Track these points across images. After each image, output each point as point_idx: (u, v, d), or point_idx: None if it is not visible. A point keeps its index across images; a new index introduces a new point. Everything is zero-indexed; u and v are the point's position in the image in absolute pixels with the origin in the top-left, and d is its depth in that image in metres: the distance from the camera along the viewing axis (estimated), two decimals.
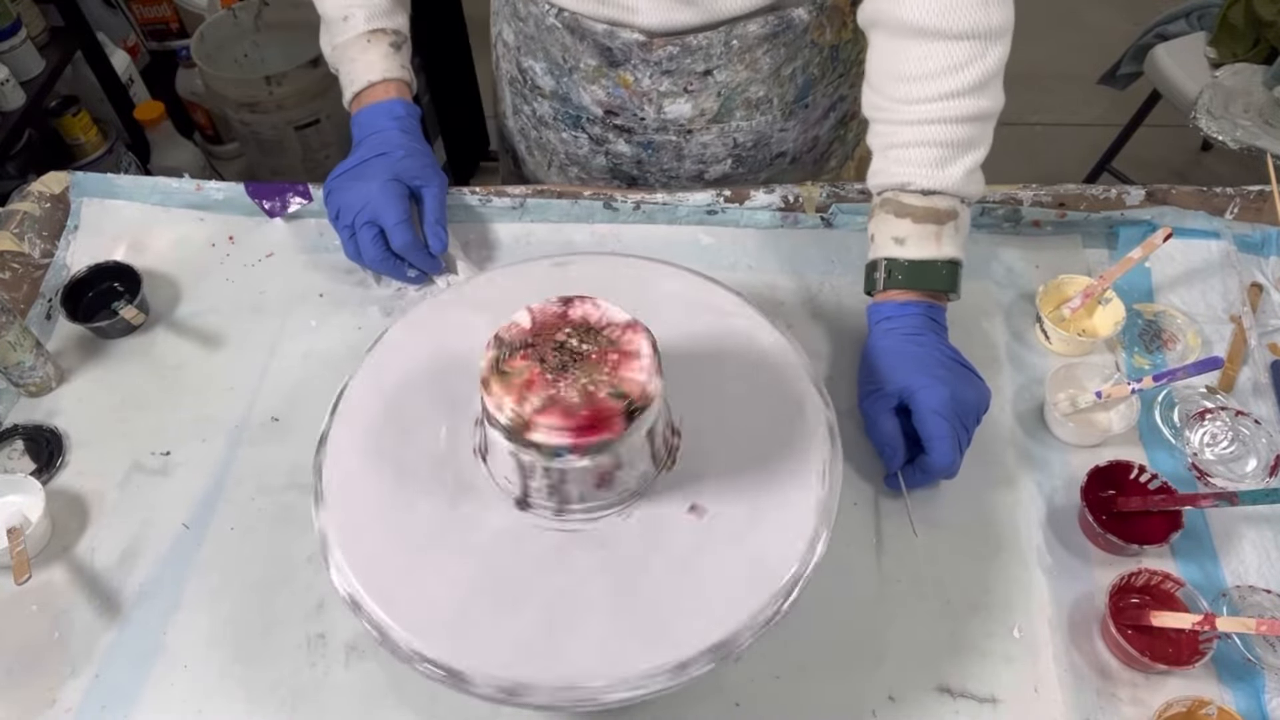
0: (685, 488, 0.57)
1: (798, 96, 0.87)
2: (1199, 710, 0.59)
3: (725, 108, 0.85)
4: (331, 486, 0.58)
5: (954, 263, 0.71)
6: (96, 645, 0.66)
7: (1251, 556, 0.68)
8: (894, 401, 0.69)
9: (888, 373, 0.69)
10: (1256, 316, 0.80)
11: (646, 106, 0.85)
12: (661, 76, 0.82)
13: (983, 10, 0.67)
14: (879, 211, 0.73)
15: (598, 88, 0.85)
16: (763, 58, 0.82)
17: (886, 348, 0.70)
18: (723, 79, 0.82)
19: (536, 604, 0.53)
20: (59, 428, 0.77)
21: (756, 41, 0.80)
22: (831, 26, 0.84)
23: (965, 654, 0.64)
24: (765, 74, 0.83)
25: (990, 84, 0.70)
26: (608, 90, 0.85)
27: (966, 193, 0.71)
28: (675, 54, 0.80)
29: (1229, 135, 1.65)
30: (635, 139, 0.88)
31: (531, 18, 0.85)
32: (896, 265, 0.71)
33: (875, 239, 0.73)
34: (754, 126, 0.87)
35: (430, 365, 0.64)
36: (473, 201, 0.88)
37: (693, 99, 0.84)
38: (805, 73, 0.85)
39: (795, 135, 0.90)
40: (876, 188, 0.74)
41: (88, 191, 0.91)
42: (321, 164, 1.84)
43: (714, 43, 0.80)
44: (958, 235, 0.71)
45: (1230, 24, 1.75)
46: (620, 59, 0.82)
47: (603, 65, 0.83)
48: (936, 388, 0.66)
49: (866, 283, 0.74)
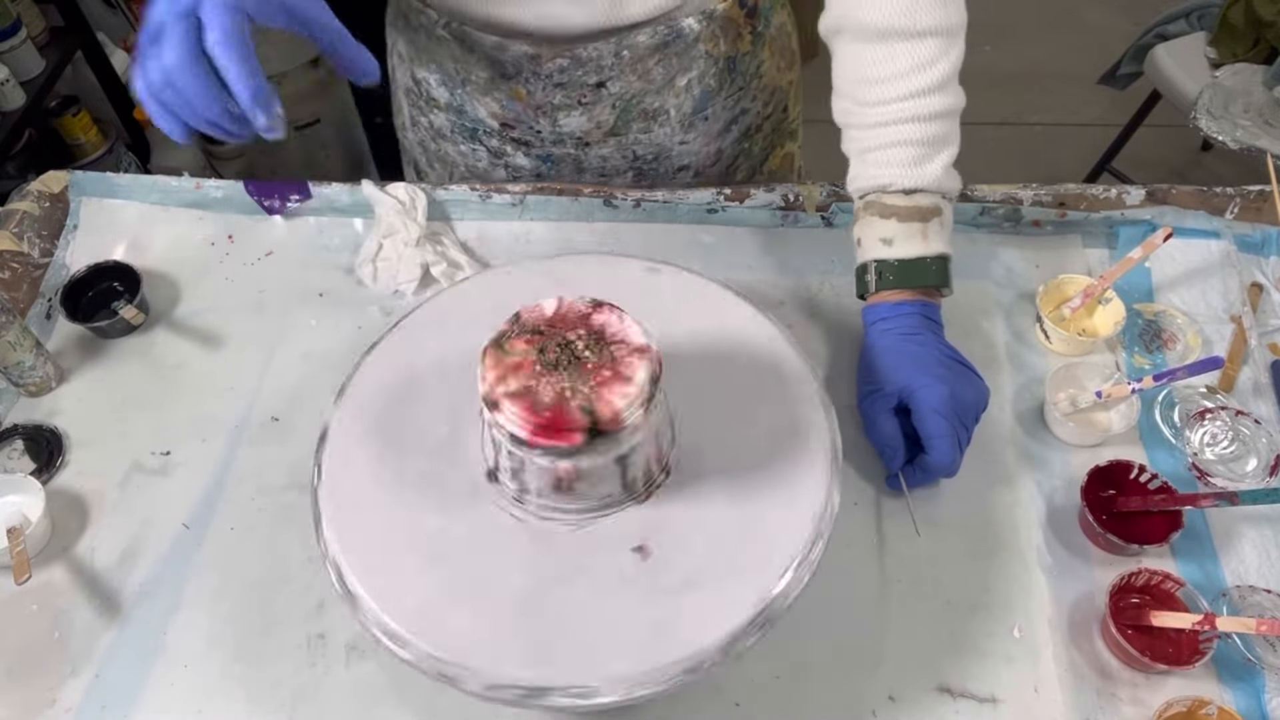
0: (651, 518, 0.56)
1: (695, 108, 0.86)
2: (1199, 710, 0.59)
3: (621, 120, 0.84)
4: (331, 485, 0.58)
5: (943, 258, 0.71)
6: (96, 645, 0.66)
7: (1252, 556, 0.68)
8: (893, 401, 0.69)
9: (886, 373, 0.69)
10: (1256, 316, 0.80)
11: (541, 120, 0.84)
12: (554, 89, 0.81)
13: (943, 9, 0.68)
14: (863, 215, 0.73)
15: (491, 100, 0.84)
16: (655, 68, 0.81)
17: (884, 347, 0.70)
18: (616, 90, 0.82)
19: (523, 600, 0.53)
20: (59, 428, 0.77)
21: (647, 52, 0.80)
22: (726, 38, 0.83)
23: (965, 654, 0.64)
24: (659, 84, 0.83)
25: (954, 81, 0.70)
26: (501, 103, 0.84)
27: (947, 188, 0.71)
28: (566, 66, 0.79)
29: (1229, 135, 1.65)
30: (534, 152, 0.88)
31: (422, 28, 0.83)
32: (886, 266, 0.71)
33: (862, 242, 0.73)
34: (652, 139, 0.87)
35: (430, 364, 0.64)
36: (472, 198, 0.88)
37: (587, 111, 0.83)
38: (701, 84, 0.85)
39: (697, 148, 0.90)
40: (858, 192, 0.74)
41: (87, 191, 0.91)
42: (321, 164, 1.84)
43: (604, 54, 0.79)
44: (943, 230, 0.71)
45: (1230, 24, 1.75)
46: (512, 72, 0.81)
47: (495, 78, 0.82)
48: (936, 386, 0.66)
49: (858, 286, 0.74)
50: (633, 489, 0.56)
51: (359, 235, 0.89)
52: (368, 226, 0.88)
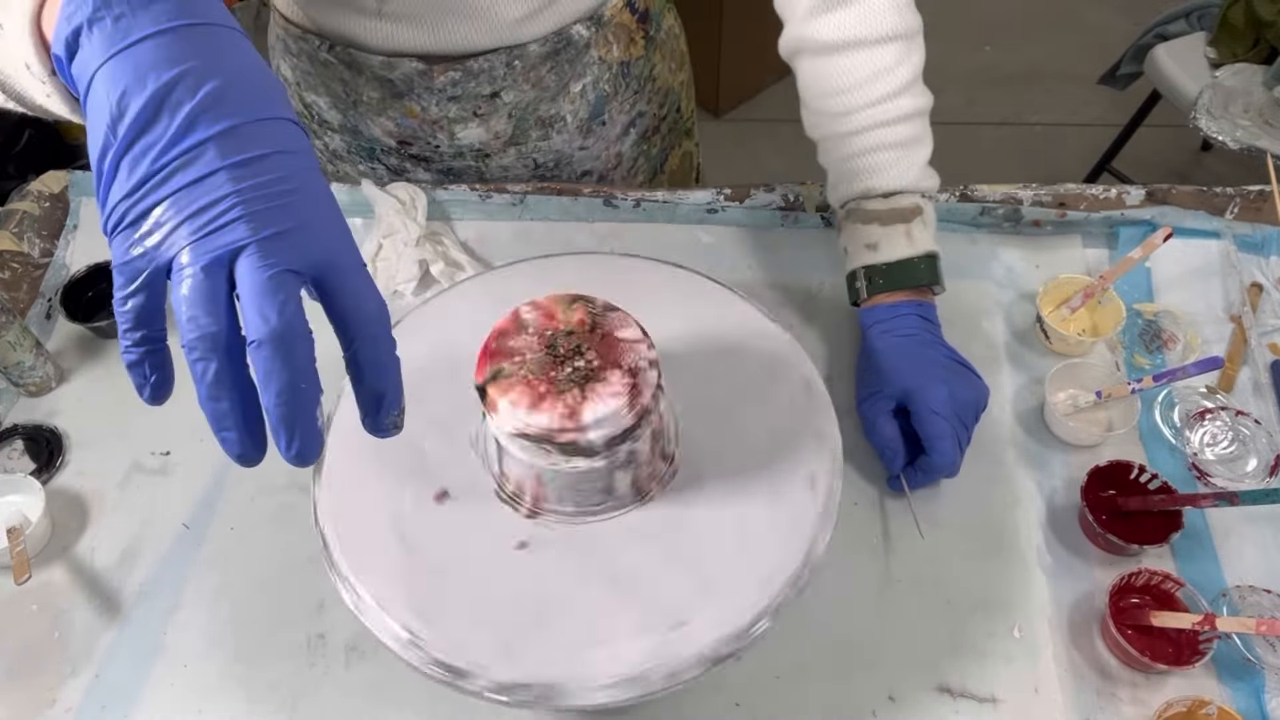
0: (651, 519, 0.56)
1: (592, 114, 0.87)
2: (1199, 710, 0.59)
3: (519, 128, 0.85)
4: (330, 478, 0.58)
5: (931, 256, 0.71)
6: (96, 645, 0.66)
7: (1252, 556, 0.68)
8: (892, 404, 0.69)
9: (886, 374, 0.69)
10: (1256, 316, 0.80)
11: (439, 134, 0.84)
12: (448, 103, 0.81)
13: (898, 15, 0.68)
14: (846, 224, 0.74)
15: (386, 119, 0.84)
16: (548, 75, 0.81)
17: (883, 349, 0.70)
18: (511, 99, 0.82)
19: (522, 601, 0.53)
20: (59, 427, 0.77)
21: (539, 60, 0.80)
22: (619, 44, 0.84)
23: (965, 654, 0.64)
24: (553, 91, 0.83)
25: (919, 82, 0.71)
26: (396, 121, 0.83)
27: (925, 186, 0.72)
28: (458, 79, 0.79)
29: (1229, 135, 1.65)
30: (434, 167, 0.88)
31: (305, 53, 0.83)
32: (876, 271, 0.71)
33: (849, 250, 0.74)
34: (552, 146, 0.87)
35: (431, 363, 0.64)
36: (472, 198, 0.88)
37: (484, 122, 0.83)
38: (596, 89, 0.85)
39: (596, 153, 0.90)
40: (838, 200, 0.75)
41: (87, 191, 0.91)
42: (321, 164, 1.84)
43: (495, 64, 0.79)
44: (927, 229, 0.72)
45: (1230, 24, 1.75)
46: (403, 89, 0.80)
47: (386, 97, 0.81)
48: (935, 387, 0.66)
49: (850, 294, 0.74)
50: (632, 490, 0.56)
51: (359, 235, 0.89)
52: (368, 226, 0.88)
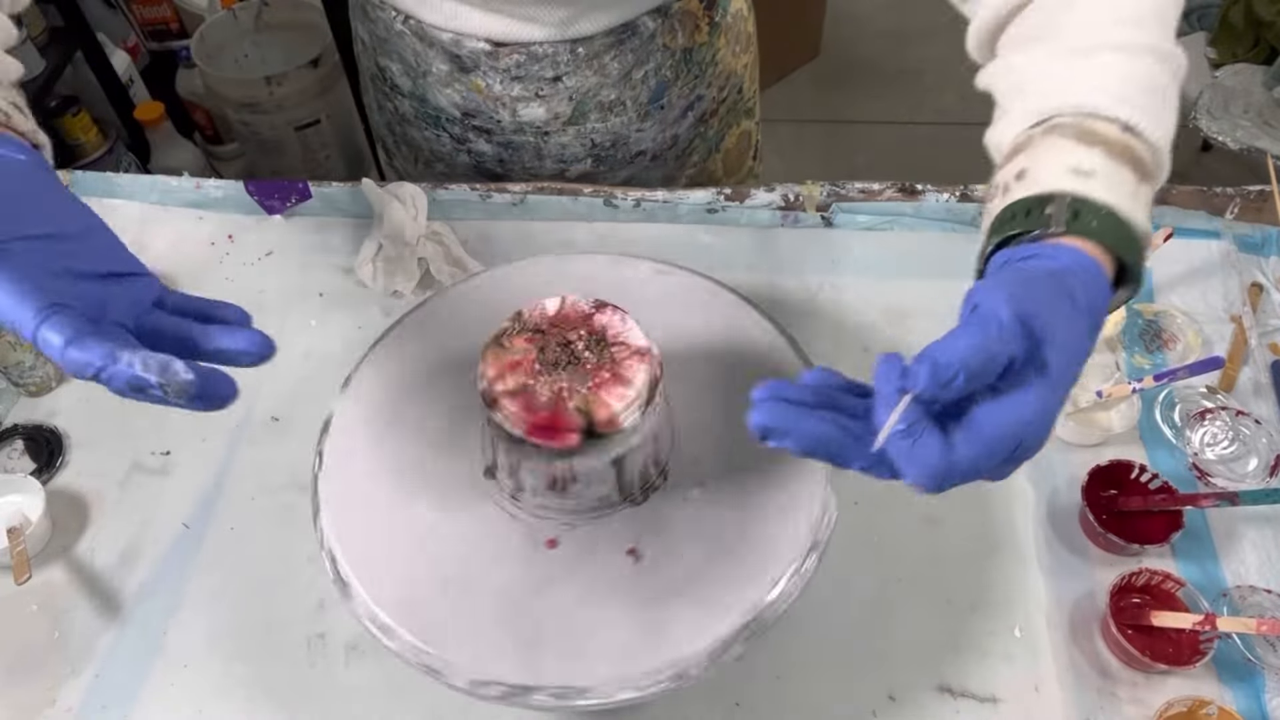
0: (645, 521, 0.56)
1: (651, 99, 0.86)
2: (1199, 710, 0.59)
3: (579, 111, 0.85)
4: (332, 473, 0.58)
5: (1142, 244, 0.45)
6: (96, 645, 0.66)
7: (1252, 556, 0.68)
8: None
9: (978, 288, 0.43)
10: (1257, 316, 0.80)
11: (501, 110, 0.85)
12: (512, 82, 0.82)
13: None
14: (1039, 142, 0.47)
15: (452, 91, 0.85)
16: (611, 63, 0.82)
17: (1005, 277, 0.44)
18: (572, 84, 0.82)
19: (513, 598, 0.53)
20: (59, 427, 0.77)
21: (603, 49, 0.80)
22: (684, 31, 0.84)
23: (965, 653, 0.64)
24: (615, 78, 0.83)
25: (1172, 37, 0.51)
26: (461, 95, 0.84)
27: (1163, 161, 0.48)
28: (522, 61, 0.80)
29: (1229, 135, 1.65)
30: (495, 139, 0.88)
31: (380, 21, 0.84)
32: (1087, 205, 0.44)
33: (1029, 174, 0.46)
34: (610, 128, 0.87)
35: (432, 361, 0.64)
36: (472, 198, 0.88)
37: (545, 103, 0.84)
38: (657, 76, 0.85)
39: (653, 135, 0.90)
40: (1037, 114, 0.48)
41: (87, 190, 0.91)
42: (321, 164, 1.84)
43: (560, 51, 0.80)
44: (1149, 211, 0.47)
45: (1230, 24, 1.75)
46: (470, 66, 0.81)
47: (454, 71, 0.83)
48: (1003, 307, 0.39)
49: (1011, 227, 0.45)
50: (628, 491, 0.56)
51: (359, 235, 0.89)
52: (368, 226, 0.88)
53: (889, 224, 0.87)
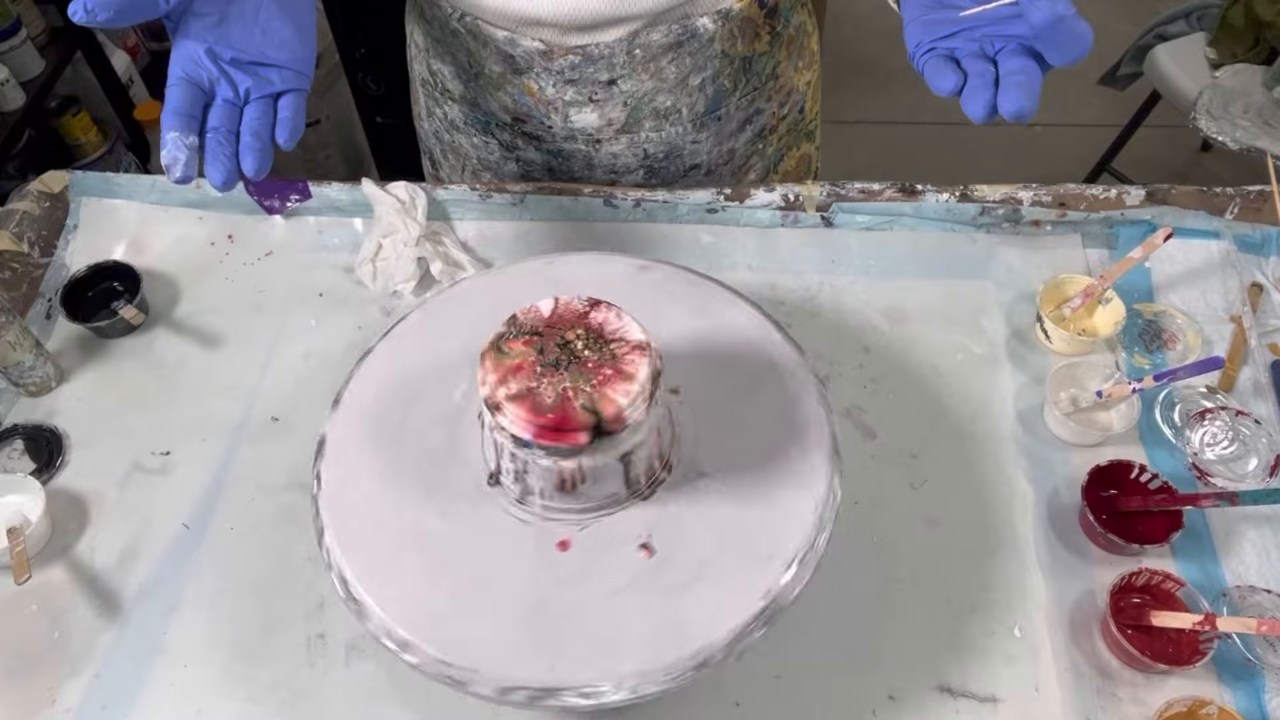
0: (655, 515, 0.56)
1: (708, 108, 0.85)
2: (1199, 710, 0.59)
3: (633, 117, 0.84)
4: (332, 494, 0.58)
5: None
6: (96, 645, 0.66)
7: (1252, 556, 0.68)
8: None
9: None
10: (1256, 316, 0.80)
11: (553, 115, 0.84)
12: (565, 85, 0.81)
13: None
14: None
15: (504, 94, 0.84)
16: (668, 66, 0.81)
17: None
18: (628, 88, 0.81)
19: (531, 601, 0.53)
20: (59, 428, 0.77)
21: (660, 50, 0.79)
22: (744, 38, 0.82)
23: (965, 653, 0.64)
24: (672, 83, 0.82)
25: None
26: (513, 98, 0.84)
27: None
28: (577, 63, 0.79)
29: (1229, 136, 1.65)
30: (545, 147, 0.88)
31: (437, 20, 0.83)
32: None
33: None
34: (664, 138, 0.86)
35: (427, 366, 0.64)
36: (472, 197, 0.88)
37: (599, 108, 0.83)
38: (715, 83, 0.84)
39: (709, 148, 0.89)
40: None
41: (87, 191, 0.91)
42: (321, 164, 1.85)
43: (616, 51, 0.78)
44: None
45: (1230, 24, 1.75)
46: (523, 67, 0.80)
47: (507, 72, 0.82)
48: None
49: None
50: (636, 487, 0.56)
51: (359, 235, 0.89)
52: (367, 226, 0.88)
53: (889, 224, 0.87)
